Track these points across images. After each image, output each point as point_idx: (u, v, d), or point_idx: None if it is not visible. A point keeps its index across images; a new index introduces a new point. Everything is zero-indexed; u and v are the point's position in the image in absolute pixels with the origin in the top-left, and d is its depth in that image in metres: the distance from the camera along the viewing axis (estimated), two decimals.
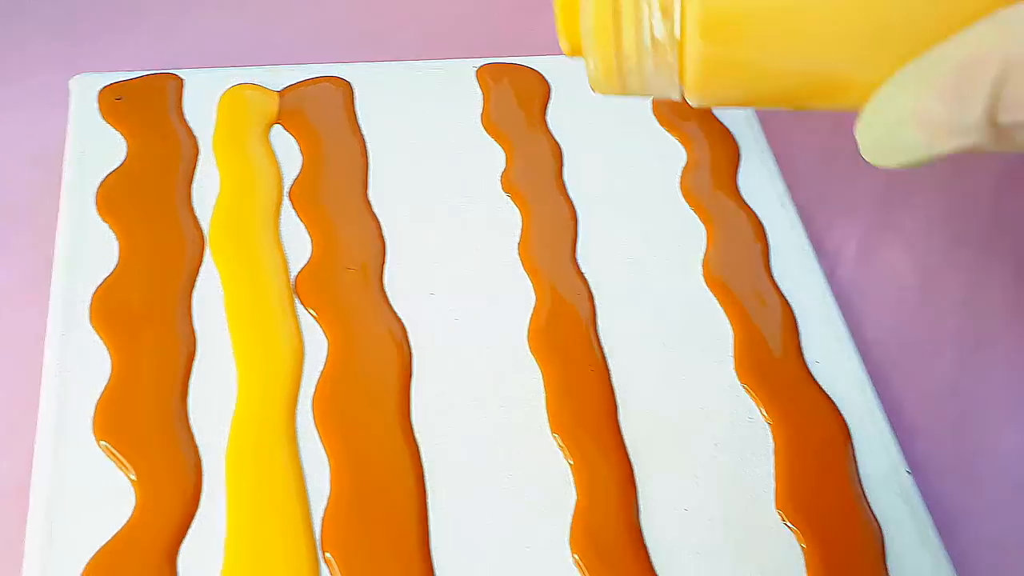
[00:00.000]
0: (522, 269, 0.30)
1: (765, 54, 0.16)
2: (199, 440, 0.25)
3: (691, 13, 0.16)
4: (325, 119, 0.32)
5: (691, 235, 0.32)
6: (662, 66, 0.17)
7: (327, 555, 0.23)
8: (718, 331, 0.30)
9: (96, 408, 0.25)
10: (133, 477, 0.24)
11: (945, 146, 0.15)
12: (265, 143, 0.31)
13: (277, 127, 0.32)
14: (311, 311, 0.28)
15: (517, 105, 0.34)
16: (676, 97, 0.18)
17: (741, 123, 0.35)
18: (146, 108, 0.31)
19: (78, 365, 0.26)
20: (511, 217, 0.31)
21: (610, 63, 0.18)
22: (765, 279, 0.31)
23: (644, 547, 0.25)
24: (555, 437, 0.27)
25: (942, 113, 0.14)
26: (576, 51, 0.19)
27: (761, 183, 0.33)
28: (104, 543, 0.23)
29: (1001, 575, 0.28)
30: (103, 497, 0.24)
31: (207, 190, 0.30)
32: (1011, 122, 0.14)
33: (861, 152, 0.17)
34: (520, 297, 0.29)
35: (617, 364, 0.28)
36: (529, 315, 0.29)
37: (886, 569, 0.26)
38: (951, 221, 0.37)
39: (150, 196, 0.29)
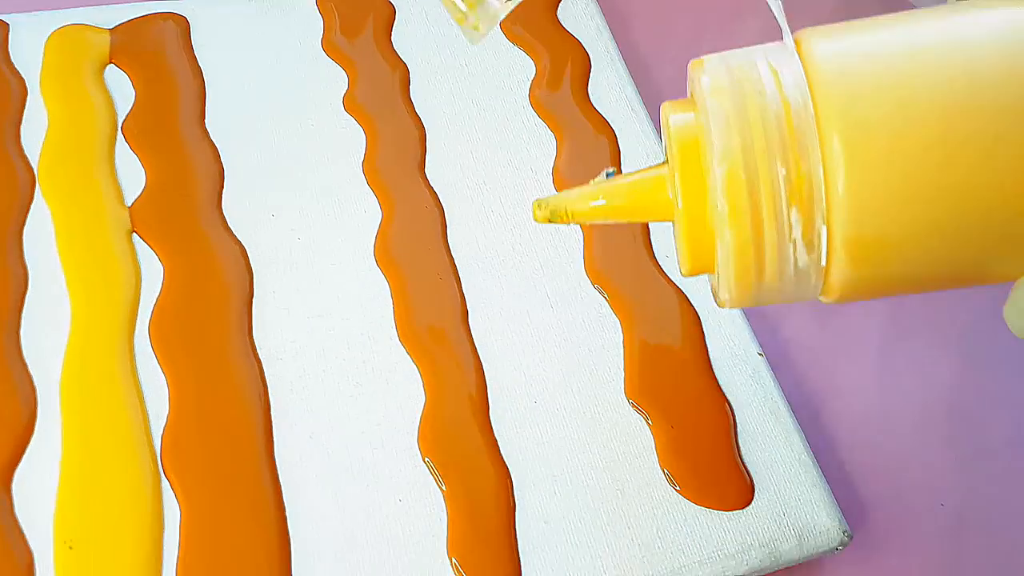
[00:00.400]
0: (367, 185, 0.30)
1: (911, 267, 0.17)
2: (33, 370, 0.25)
3: (837, 245, 0.16)
4: (159, 54, 0.31)
5: (541, 145, 0.32)
6: (802, 286, 0.17)
7: (167, 475, 0.23)
8: (568, 235, 0.30)
9: None
10: None
11: None
12: (95, 81, 0.30)
13: (111, 66, 0.31)
14: (146, 240, 0.27)
15: (360, 27, 0.33)
16: (812, 299, 0.18)
17: (591, 33, 0.35)
18: None
19: None
20: (354, 136, 0.31)
21: (747, 292, 0.18)
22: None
23: (494, 441, 0.25)
24: (402, 344, 0.27)
25: None
26: (697, 272, 0.19)
27: (611, 91, 0.33)
28: None
29: (864, 451, 0.29)
30: None
31: (37, 131, 0.29)
32: None
33: (1012, 331, 0.17)
34: (365, 212, 0.29)
35: (467, 271, 0.28)
36: (375, 229, 0.29)
37: (737, 445, 0.26)
38: None
39: None
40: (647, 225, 0.30)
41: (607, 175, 0.20)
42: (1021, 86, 0.15)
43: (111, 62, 0.31)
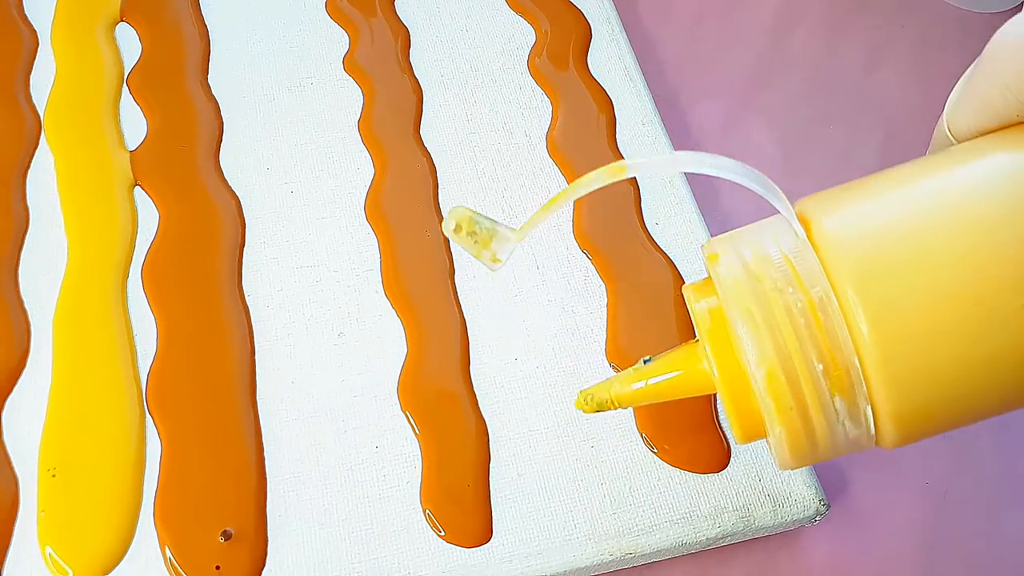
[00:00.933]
0: (362, 143, 0.30)
1: (957, 420, 0.17)
2: (29, 306, 0.26)
3: (883, 418, 0.17)
4: (167, 11, 0.32)
5: (537, 111, 0.32)
6: (857, 447, 0.18)
7: (150, 412, 0.24)
8: (563, 215, 0.30)
9: None
10: None
11: None
12: (104, 35, 0.31)
13: (117, 17, 0.32)
14: (144, 187, 0.28)
15: None
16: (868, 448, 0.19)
17: (593, 3, 0.35)
18: None
19: None
20: (352, 95, 0.31)
21: (804, 460, 0.18)
22: (608, 150, 0.31)
23: (473, 395, 0.26)
24: (387, 297, 0.27)
25: None
26: (751, 440, 0.19)
27: (610, 59, 0.33)
28: None
29: None
30: None
31: (46, 80, 0.30)
32: None
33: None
34: (358, 170, 0.30)
35: None
36: (367, 186, 0.29)
37: (715, 408, 0.26)
38: (815, 100, 0.37)
39: None
40: (638, 191, 0.30)
41: (644, 362, 0.21)
42: None
43: (122, 19, 0.32)
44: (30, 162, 0.28)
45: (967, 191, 0.17)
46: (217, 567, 0.22)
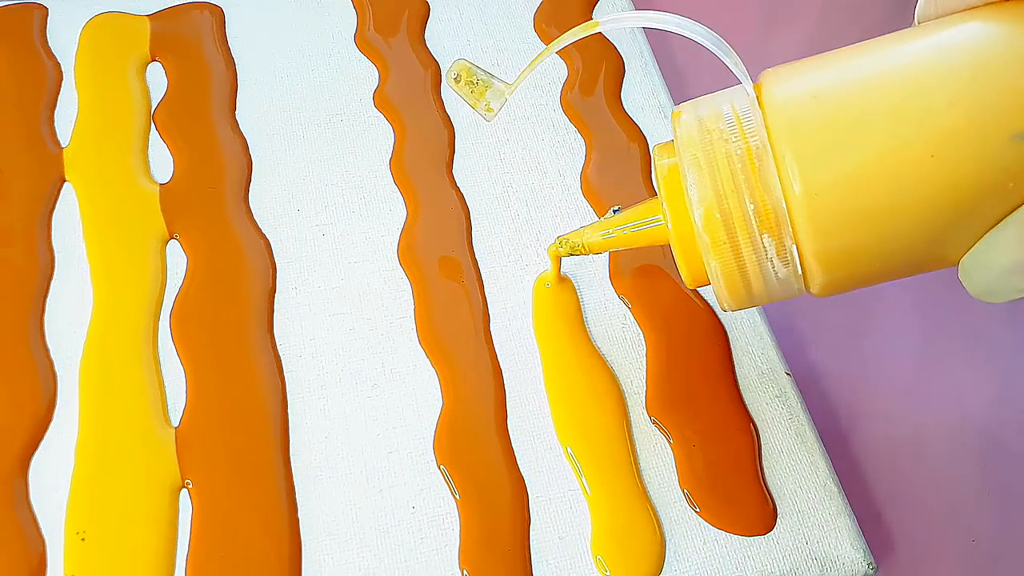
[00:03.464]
0: (393, 183, 0.29)
1: (876, 264, 0.19)
2: (55, 355, 0.25)
3: (808, 257, 0.19)
4: (194, 44, 0.31)
5: (570, 148, 0.31)
6: (788, 288, 0.20)
7: (186, 482, 0.23)
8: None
9: None
10: None
11: None
12: (131, 68, 0.31)
13: (145, 52, 0.31)
14: (171, 229, 0.27)
15: (393, 23, 0.33)
16: (801, 295, 0.21)
17: (626, 38, 0.34)
18: (9, 37, 0.31)
19: None
20: (383, 133, 0.30)
21: (743, 300, 0.21)
22: (643, 188, 0.31)
23: (511, 451, 0.25)
24: (422, 347, 0.26)
25: None
26: (699, 285, 0.22)
27: (644, 97, 0.33)
28: None
29: (892, 474, 0.28)
30: None
31: (71, 116, 0.29)
32: None
33: (970, 292, 0.19)
34: (391, 211, 0.29)
35: (490, 275, 0.28)
36: (400, 229, 0.29)
37: (761, 467, 0.26)
38: None
39: (10, 122, 0.29)
40: None
41: (613, 212, 0.24)
42: (946, 103, 0.18)
43: (153, 59, 0.31)
44: (55, 202, 0.27)
45: (905, 57, 0.19)
46: None
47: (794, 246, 0.19)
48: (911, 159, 0.18)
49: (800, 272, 0.19)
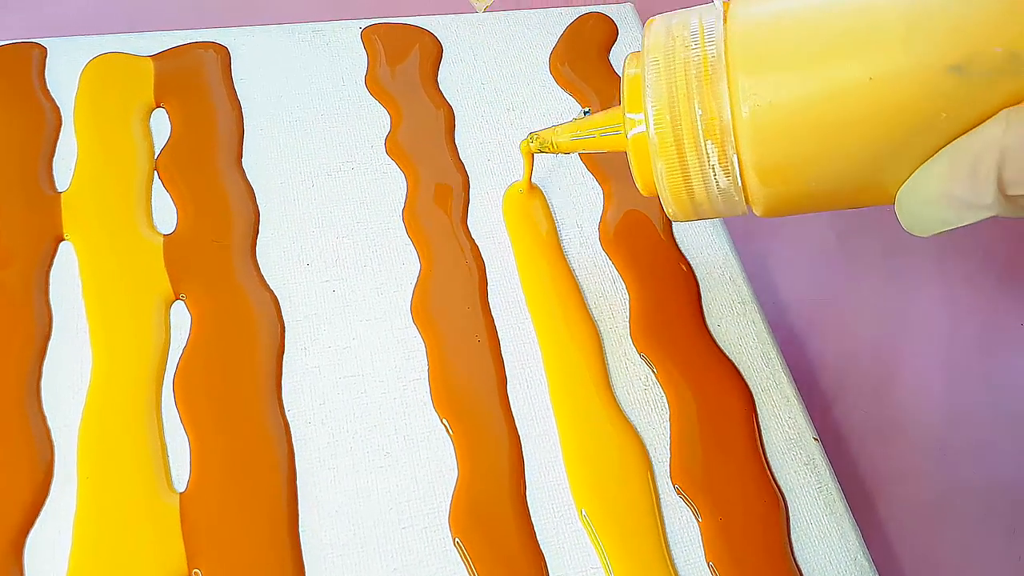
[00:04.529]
0: (406, 236, 0.28)
1: (813, 184, 0.20)
2: (52, 422, 0.23)
3: (748, 169, 0.20)
4: (198, 86, 0.30)
5: (589, 199, 0.30)
6: (730, 202, 0.21)
7: (194, 572, 0.22)
8: (615, 296, 0.28)
9: None
10: None
11: (970, 218, 0.18)
12: (134, 112, 0.29)
13: (148, 95, 0.30)
14: (174, 284, 0.26)
15: (406, 66, 0.32)
16: (744, 214, 0.22)
17: None
18: (6, 78, 0.29)
19: None
20: (396, 181, 0.29)
21: (687, 208, 0.21)
22: (665, 242, 0.30)
23: (530, 525, 0.24)
24: (436, 411, 0.25)
25: (964, 194, 0.18)
26: (650, 193, 0.23)
27: None
28: None
29: (920, 539, 0.27)
30: None
31: (71, 162, 0.28)
32: (1017, 195, 0.17)
33: (902, 225, 0.20)
34: (404, 265, 0.28)
35: (507, 334, 0.27)
36: (413, 284, 0.27)
37: (789, 539, 0.25)
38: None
39: (7, 170, 0.27)
40: (698, 289, 0.29)
41: (584, 113, 0.26)
42: (890, 29, 0.18)
43: (158, 105, 0.30)
44: (53, 256, 0.26)
45: None
46: None
47: (735, 156, 0.20)
48: (851, 80, 0.18)
49: (740, 185, 0.20)
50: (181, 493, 0.23)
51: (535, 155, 0.28)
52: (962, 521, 0.28)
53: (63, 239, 0.27)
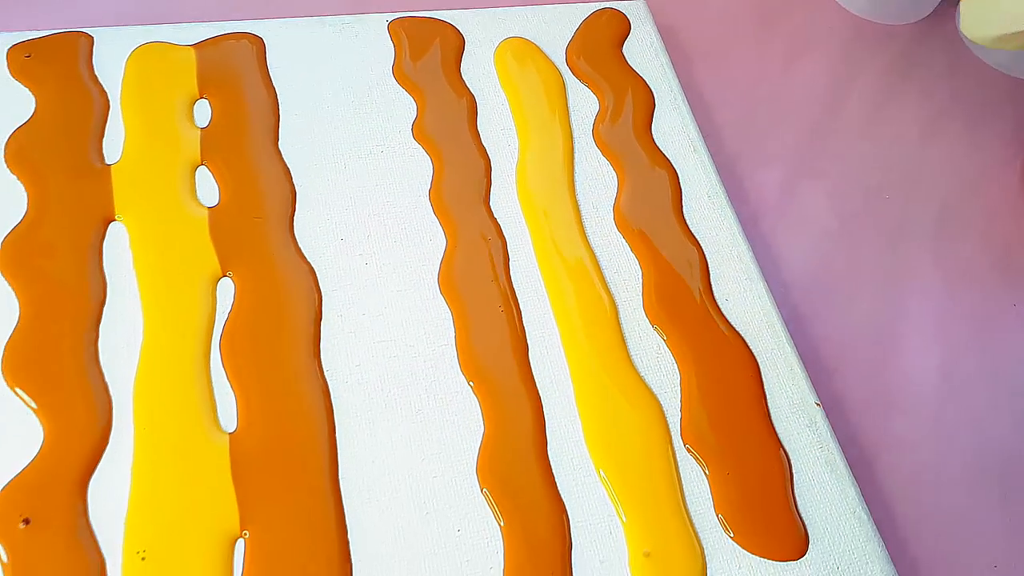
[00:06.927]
0: (432, 213, 0.30)
1: None
2: (109, 379, 0.25)
3: None
4: (237, 74, 0.32)
5: (603, 180, 0.32)
6: None
7: (244, 532, 0.23)
8: (629, 274, 0.30)
9: (4, 350, 0.25)
10: (40, 415, 0.24)
11: None
12: (178, 98, 0.31)
13: (190, 82, 0.32)
14: (221, 259, 0.28)
15: (430, 57, 0.34)
16: None
17: (656, 72, 0.35)
18: (55, 65, 0.31)
19: None
20: (422, 164, 0.31)
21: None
22: (674, 221, 0.31)
23: (552, 477, 0.26)
24: (463, 375, 0.27)
25: None
26: None
27: (674, 129, 0.34)
28: (13, 476, 0.23)
29: (916, 502, 0.29)
30: (12, 435, 0.24)
31: (117, 143, 0.30)
32: None
33: (960, 27, 0.18)
34: (430, 240, 0.30)
35: (528, 304, 0.29)
36: (440, 257, 0.29)
37: (792, 494, 0.26)
38: (870, 170, 0.38)
39: (58, 147, 0.29)
40: (707, 266, 0.31)
41: None
42: None
43: (201, 96, 0.31)
44: (106, 229, 0.28)
45: None
46: None
47: None
48: None
49: None
50: (230, 434, 0.25)
51: None
52: (956, 486, 0.30)
53: (114, 212, 0.29)
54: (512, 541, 0.24)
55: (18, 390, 0.25)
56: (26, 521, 0.23)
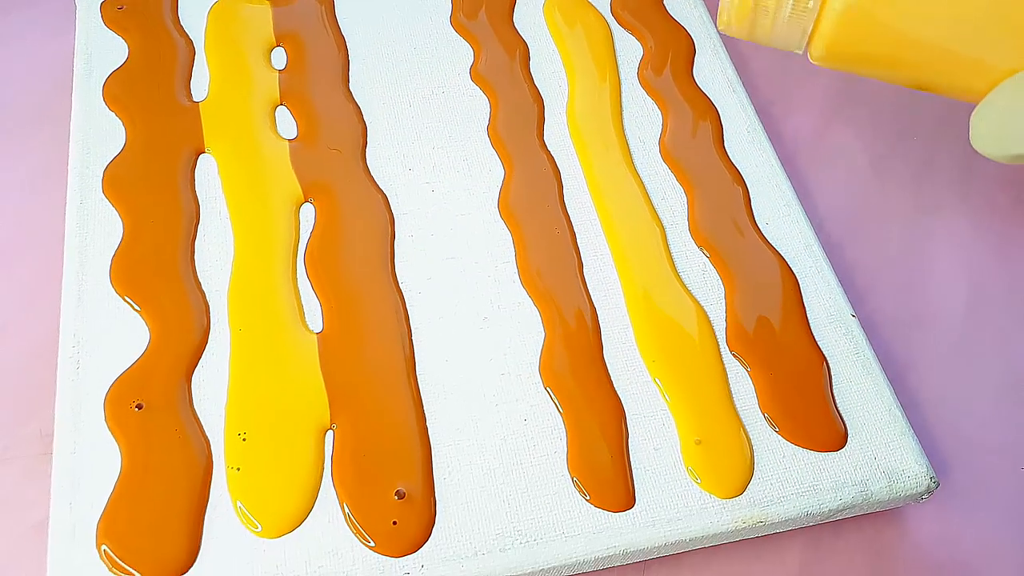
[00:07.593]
0: (491, 147, 0.33)
1: (901, 18, 0.18)
2: (206, 288, 0.28)
3: (828, 15, 0.19)
4: (309, 25, 0.35)
5: (649, 118, 0.35)
6: (798, 14, 0.20)
7: (333, 426, 0.26)
8: (674, 200, 0.32)
9: (112, 262, 0.28)
10: (146, 317, 0.27)
11: None
12: (257, 47, 0.34)
13: (267, 31, 0.35)
14: (303, 183, 0.31)
15: (484, 6, 0.37)
16: (797, 50, 0.21)
17: (695, 20, 0.38)
18: (144, 15, 0.34)
19: (94, 229, 0.29)
20: (480, 104, 0.34)
21: (747, 9, 0.21)
22: (716, 153, 0.34)
23: (607, 376, 0.28)
24: (524, 287, 0.30)
25: None
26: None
27: (714, 72, 0.36)
28: (124, 369, 0.26)
29: (947, 415, 0.31)
30: (123, 334, 0.27)
31: (203, 85, 0.33)
32: None
33: (971, 140, 0.17)
34: (490, 171, 0.32)
35: (581, 228, 0.31)
36: (499, 186, 0.32)
37: (832, 394, 0.28)
38: (900, 114, 0.40)
39: (150, 87, 0.32)
40: (747, 193, 0.33)
41: None
42: None
43: (278, 44, 0.35)
44: (196, 161, 0.31)
45: None
46: (394, 523, 0.24)
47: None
48: None
49: (809, 29, 0.20)
50: (318, 334, 0.27)
51: None
52: (983, 398, 0.31)
53: (203, 144, 0.31)
54: (571, 429, 0.26)
55: (126, 297, 0.28)
56: (139, 406, 0.26)
